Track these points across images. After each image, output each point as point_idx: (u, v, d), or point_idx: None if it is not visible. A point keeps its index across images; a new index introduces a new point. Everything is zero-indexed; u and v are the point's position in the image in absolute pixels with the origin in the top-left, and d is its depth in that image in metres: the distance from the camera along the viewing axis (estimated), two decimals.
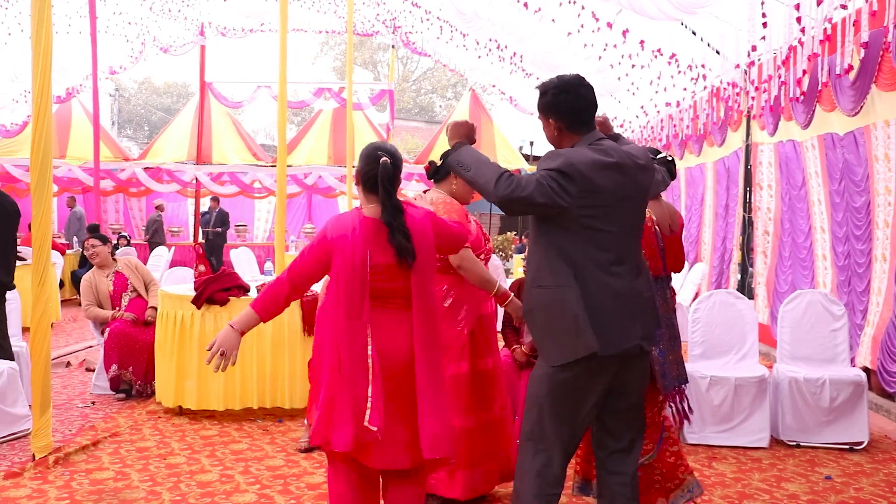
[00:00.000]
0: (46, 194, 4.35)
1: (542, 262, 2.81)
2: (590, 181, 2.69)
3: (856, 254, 6.49)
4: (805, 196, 7.50)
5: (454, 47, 14.71)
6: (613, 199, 2.75)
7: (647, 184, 2.90)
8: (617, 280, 2.75)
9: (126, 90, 36.37)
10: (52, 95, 4.42)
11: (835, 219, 6.85)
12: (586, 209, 2.71)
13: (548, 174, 2.69)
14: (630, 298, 2.77)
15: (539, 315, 2.84)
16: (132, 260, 6.57)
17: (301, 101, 18.26)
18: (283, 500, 3.91)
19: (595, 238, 2.73)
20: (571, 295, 2.70)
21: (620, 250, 2.79)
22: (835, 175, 6.79)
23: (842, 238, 6.71)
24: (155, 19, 14.98)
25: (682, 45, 8.84)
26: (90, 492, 3.98)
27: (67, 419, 5.37)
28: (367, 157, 2.95)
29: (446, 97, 39.80)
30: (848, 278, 6.62)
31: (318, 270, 2.89)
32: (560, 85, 2.87)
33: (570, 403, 2.82)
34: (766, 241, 8.49)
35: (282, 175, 6.50)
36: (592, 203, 2.71)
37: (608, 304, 2.72)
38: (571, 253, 2.73)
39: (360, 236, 2.80)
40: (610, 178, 2.73)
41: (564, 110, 2.85)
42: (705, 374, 5.03)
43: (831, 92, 6.10)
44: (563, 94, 2.85)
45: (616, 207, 2.76)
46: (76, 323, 10.05)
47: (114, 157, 16.80)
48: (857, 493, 4.14)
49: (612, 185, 2.74)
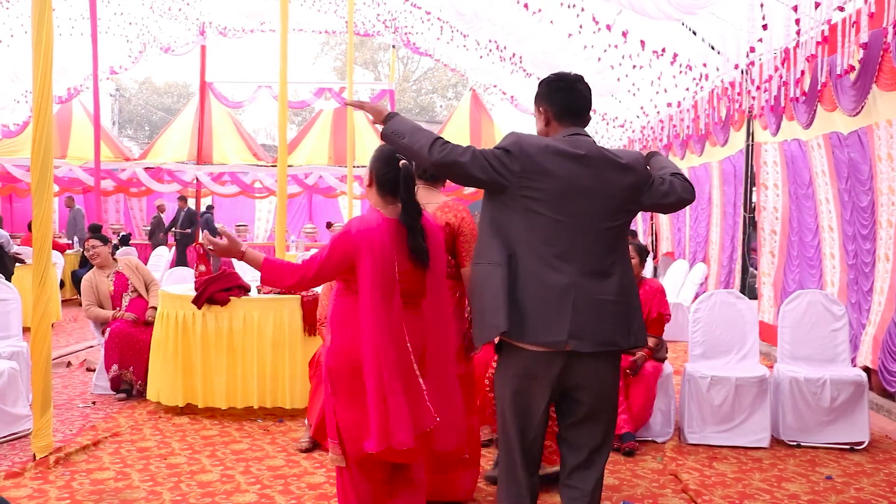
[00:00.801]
0: (47, 194, 4.34)
1: (482, 240, 2.83)
2: (536, 163, 2.68)
3: (863, 253, 6.49)
4: (812, 195, 7.48)
5: (455, 47, 14.72)
6: (564, 188, 2.69)
7: (620, 183, 2.76)
8: (553, 274, 2.67)
9: (127, 90, 36.38)
10: (52, 95, 4.42)
11: (844, 217, 6.83)
12: (528, 191, 2.69)
13: (492, 151, 2.73)
14: (564, 294, 2.66)
15: (473, 292, 2.86)
16: (132, 260, 6.57)
17: (302, 101, 18.28)
18: (284, 500, 3.91)
19: (536, 223, 2.69)
20: (499, 274, 2.68)
21: (568, 245, 2.69)
22: (842, 174, 6.78)
23: (851, 236, 6.70)
24: (155, 19, 14.99)
25: (682, 45, 8.84)
26: (91, 492, 3.98)
27: (68, 419, 5.37)
28: (386, 159, 2.98)
29: (447, 97, 39.78)
30: (856, 277, 6.62)
31: (340, 267, 2.91)
32: (560, 77, 2.93)
33: (519, 403, 2.81)
34: (774, 240, 8.46)
35: (282, 175, 6.51)
36: (536, 186, 2.69)
37: (533, 294, 2.66)
38: (510, 233, 2.73)
39: (387, 236, 2.87)
40: (563, 166, 2.70)
41: (556, 101, 2.88)
42: (706, 374, 5.03)
43: (832, 92, 6.10)
44: (555, 83, 2.90)
45: (567, 197, 2.69)
46: (77, 323, 10.06)
47: (114, 157, 16.83)
48: (858, 493, 4.14)
49: (564, 172, 2.69)
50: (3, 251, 8.94)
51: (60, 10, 12.17)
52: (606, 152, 2.79)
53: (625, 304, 2.78)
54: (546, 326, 2.66)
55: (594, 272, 2.72)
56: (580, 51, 9.96)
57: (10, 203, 16.85)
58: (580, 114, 2.89)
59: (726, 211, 10.14)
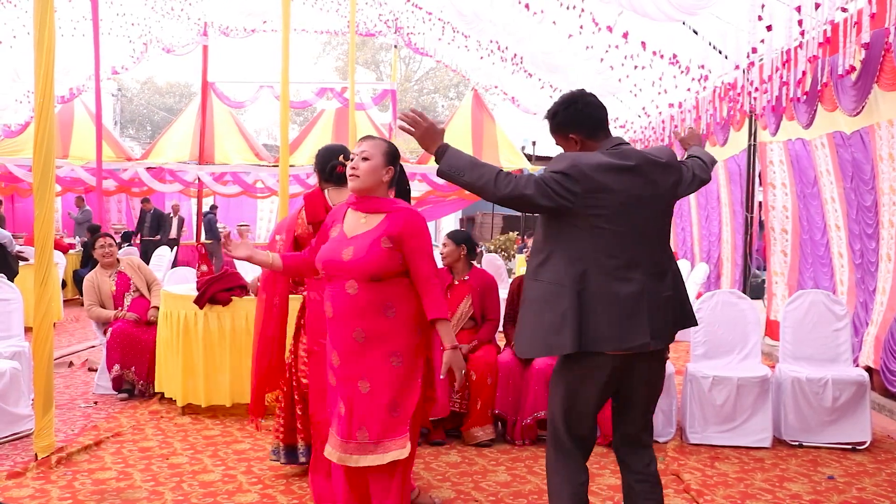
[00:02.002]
0: (49, 194, 4.35)
1: (543, 257, 2.83)
2: (595, 182, 2.72)
3: (868, 252, 6.49)
4: (818, 194, 7.47)
5: (456, 48, 14.71)
6: (623, 201, 2.75)
7: (666, 183, 2.89)
8: (624, 285, 2.74)
9: (128, 90, 36.40)
10: (54, 95, 4.43)
11: (850, 216, 6.83)
12: (593, 209, 2.73)
13: (551, 176, 2.73)
14: (639, 301, 2.75)
15: (529, 306, 2.87)
16: (135, 260, 6.58)
17: (303, 101, 18.24)
18: (286, 500, 3.91)
19: (602, 238, 2.74)
20: (566, 294, 2.72)
21: (632, 253, 2.78)
22: (847, 173, 6.77)
23: (857, 235, 6.69)
24: (157, 19, 14.98)
25: (683, 45, 8.83)
26: (93, 492, 3.99)
27: (70, 419, 5.37)
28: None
29: (449, 97, 39.79)
30: (862, 277, 6.62)
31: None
32: (566, 100, 2.94)
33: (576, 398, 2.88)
34: (785, 239, 8.41)
35: (284, 175, 6.51)
36: (598, 203, 2.73)
37: (608, 308, 2.73)
38: (574, 251, 2.75)
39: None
40: (619, 180, 2.75)
41: (584, 122, 2.90)
42: (708, 373, 5.02)
43: (833, 92, 6.09)
44: (572, 106, 2.91)
45: (626, 209, 2.76)
46: (78, 323, 10.06)
47: (116, 157, 16.81)
48: (860, 493, 4.14)
49: (621, 186, 2.75)
50: (6, 251, 8.94)
51: (62, 10, 12.18)
52: (649, 156, 2.87)
53: (679, 294, 2.95)
54: (627, 333, 2.74)
55: (656, 273, 2.83)
56: (581, 51, 9.95)
57: (11, 203, 16.86)
58: (607, 122, 2.96)
59: (735, 210, 10.14)
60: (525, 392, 4.92)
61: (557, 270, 2.76)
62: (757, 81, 7.57)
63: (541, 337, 2.78)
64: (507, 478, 4.30)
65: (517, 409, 4.95)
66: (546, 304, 2.77)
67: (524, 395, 4.92)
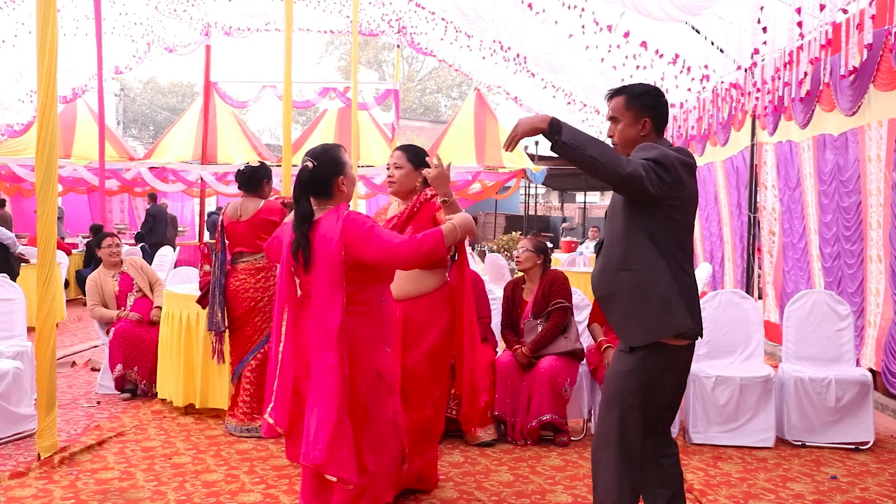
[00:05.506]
0: (52, 194, 4.35)
1: (631, 247, 2.86)
2: (678, 175, 2.81)
3: (846, 255, 6.47)
4: (799, 197, 7.51)
5: (459, 48, 14.71)
6: (691, 196, 2.90)
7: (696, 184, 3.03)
8: (686, 276, 2.88)
9: (131, 90, 36.47)
10: (57, 95, 4.43)
11: (823, 220, 6.85)
12: (673, 200, 2.82)
13: (650, 164, 2.71)
14: (695, 291, 2.90)
15: (622, 298, 2.89)
16: (137, 260, 6.58)
17: (306, 101, 18.25)
18: (289, 499, 3.91)
19: (675, 230, 2.87)
20: (662, 276, 2.80)
21: (690, 247, 2.98)
22: (824, 177, 6.80)
23: (830, 240, 6.72)
24: (160, 19, 14.99)
25: (684, 45, 8.82)
26: (95, 491, 3.99)
27: (73, 419, 5.38)
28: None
29: (451, 97, 39.83)
30: (837, 280, 6.61)
31: None
32: (656, 89, 3.04)
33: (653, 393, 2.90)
34: (772, 241, 8.47)
35: (287, 175, 6.52)
36: (677, 195, 2.83)
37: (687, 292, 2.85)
38: (660, 241, 2.83)
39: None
40: (690, 178, 2.89)
41: (662, 112, 3.00)
42: (710, 373, 5.02)
43: (832, 92, 6.09)
44: (662, 97, 3.02)
45: (691, 206, 2.92)
46: (81, 323, 10.08)
47: (119, 157, 16.83)
48: (863, 493, 4.13)
49: (690, 183, 2.89)
50: (9, 252, 8.96)
51: (65, 10, 12.19)
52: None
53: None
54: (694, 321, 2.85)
55: (693, 267, 2.98)
56: (583, 51, 9.94)
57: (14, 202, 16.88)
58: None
59: (733, 211, 10.14)
60: (527, 395, 4.90)
61: (648, 259, 2.83)
62: (758, 83, 7.57)
63: (654, 321, 2.82)
64: (509, 478, 4.30)
65: (516, 411, 4.94)
66: (649, 290, 2.82)
67: (526, 397, 4.91)
